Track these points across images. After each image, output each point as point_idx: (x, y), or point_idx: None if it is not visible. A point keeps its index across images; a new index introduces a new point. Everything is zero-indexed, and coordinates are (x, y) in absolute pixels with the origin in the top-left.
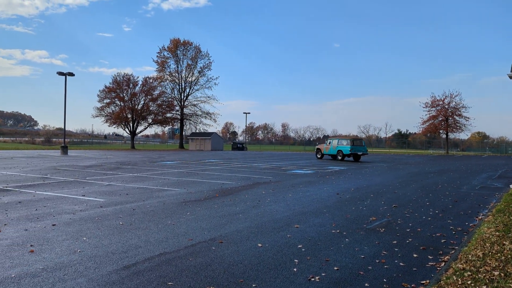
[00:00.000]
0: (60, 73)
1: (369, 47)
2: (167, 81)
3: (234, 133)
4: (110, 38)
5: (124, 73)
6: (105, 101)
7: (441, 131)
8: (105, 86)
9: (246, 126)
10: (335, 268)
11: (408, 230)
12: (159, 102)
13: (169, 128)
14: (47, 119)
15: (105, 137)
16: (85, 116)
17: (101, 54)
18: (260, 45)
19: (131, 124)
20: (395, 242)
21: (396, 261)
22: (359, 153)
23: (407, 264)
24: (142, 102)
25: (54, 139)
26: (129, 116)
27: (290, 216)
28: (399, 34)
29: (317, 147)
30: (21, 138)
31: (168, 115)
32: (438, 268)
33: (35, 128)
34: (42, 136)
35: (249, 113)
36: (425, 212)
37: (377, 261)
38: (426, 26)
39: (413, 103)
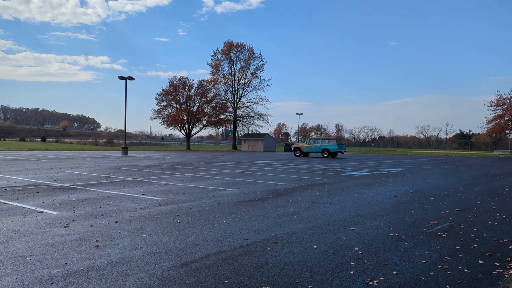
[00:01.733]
0: (121, 78)
1: (427, 45)
2: (221, 83)
3: (287, 134)
4: (166, 42)
5: (180, 76)
6: (162, 103)
7: (507, 132)
8: (162, 89)
9: (298, 127)
10: (394, 272)
11: (473, 235)
12: (213, 104)
13: (222, 130)
14: (109, 121)
15: (162, 138)
16: (144, 118)
17: (158, 58)
18: (313, 45)
19: (186, 126)
20: (458, 247)
21: (460, 267)
22: (343, 151)
23: (472, 270)
24: (197, 104)
25: (115, 141)
26: (185, 118)
27: (345, 218)
28: (459, 29)
29: (295, 146)
30: (85, 139)
31: (222, 116)
32: (506, 276)
33: (98, 130)
34: (104, 138)
35: (302, 114)
36: (491, 216)
37: (439, 266)
38: (488, 20)
39: (476, 102)
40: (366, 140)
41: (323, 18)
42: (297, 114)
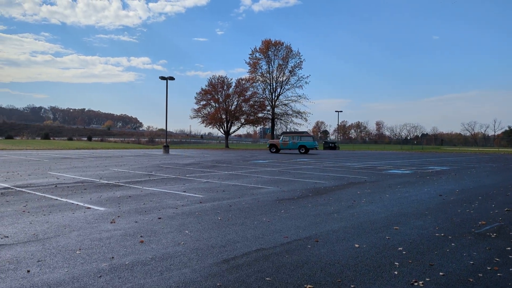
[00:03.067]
0: (162, 78)
1: (471, 39)
2: (259, 81)
3: (326, 132)
4: (205, 42)
5: (219, 76)
6: (201, 102)
7: None
8: (202, 88)
9: (338, 124)
10: (441, 273)
11: None
12: (251, 102)
13: (260, 128)
14: (150, 120)
15: (201, 137)
16: (183, 117)
17: (197, 58)
18: (351, 42)
19: (225, 125)
20: (509, 248)
21: (511, 269)
22: (317, 147)
23: None
24: (235, 103)
25: (156, 139)
26: (223, 116)
27: (388, 217)
28: (503, 21)
29: (270, 142)
30: (128, 138)
31: (260, 115)
32: None
33: (140, 129)
34: (146, 137)
35: (341, 111)
36: None
37: (488, 268)
38: None
39: None
40: (408, 138)
41: (361, 13)
42: (336, 111)
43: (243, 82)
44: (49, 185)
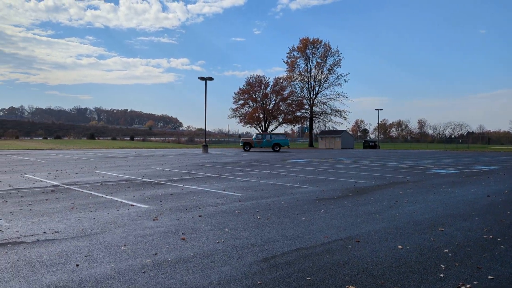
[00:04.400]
0: (201, 78)
1: None
2: (297, 80)
3: (365, 131)
4: (242, 42)
5: (256, 75)
6: (239, 102)
7: None
8: (239, 88)
9: (378, 123)
10: (489, 277)
11: None
12: (289, 101)
13: (298, 127)
14: (190, 120)
15: (239, 136)
16: (221, 117)
17: (234, 58)
18: (392, 38)
19: (262, 124)
20: None
21: None
22: (288, 145)
23: None
24: (273, 102)
25: (195, 139)
26: (261, 116)
27: (432, 218)
28: None
29: (244, 140)
30: (169, 138)
31: (298, 114)
32: None
33: (180, 129)
34: (186, 136)
35: (381, 109)
36: None
37: None
38: None
39: None
40: (453, 137)
41: (400, 8)
42: (376, 109)
43: (281, 81)
44: (95, 183)
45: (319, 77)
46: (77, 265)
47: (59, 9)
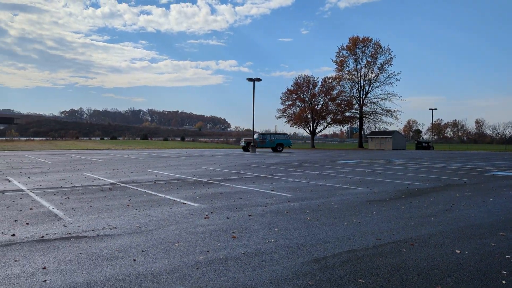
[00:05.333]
0: (249, 79)
1: None
2: (346, 80)
3: (418, 131)
4: (290, 42)
5: (304, 75)
6: (287, 102)
7: None
8: (287, 88)
9: (431, 123)
10: None
11: None
12: (338, 101)
13: (347, 127)
14: (238, 121)
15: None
16: (269, 118)
17: (282, 58)
18: (446, 34)
19: (311, 124)
20: None
21: None
22: (290, 146)
23: None
24: (321, 102)
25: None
26: (309, 116)
27: (492, 222)
28: None
29: (246, 141)
30: (217, 138)
31: (347, 114)
32: None
33: (228, 129)
34: (234, 137)
35: (435, 109)
36: None
37: None
38: None
39: None
40: None
41: (455, 3)
42: (430, 109)
43: (330, 80)
44: (149, 181)
45: (369, 76)
46: (134, 260)
47: (114, 15)
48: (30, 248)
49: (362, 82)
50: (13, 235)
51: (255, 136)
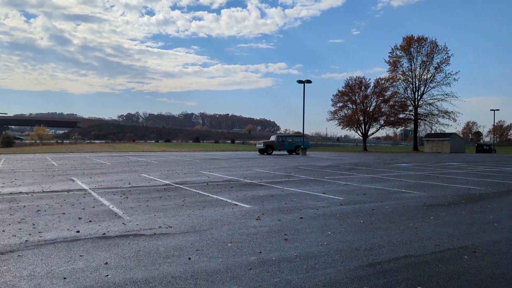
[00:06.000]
0: (300, 81)
1: None
2: (400, 80)
3: (478, 134)
4: (340, 43)
5: (356, 76)
6: (338, 104)
7: None
8: (338, 90)
9: (493, 125)
10: None
11: None
12: (391, 103)
13: (401, 130)
14: (287, 124)
15: (338, 139)
16: (319, 120)
17: (332, 60)
18: (508, 31)
19: (363, 126)
20: None
21: None
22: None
23: None
24: (373, 103)
25: None
26: (361, 118)
27: None
28: None
29: (266, 143)
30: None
31: (401, 115)
32: None
33: (278, 132)
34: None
35: (497, 110)
36: None
37: None
38: None
39: None
40: None
41: None
42: (491, 110)
43: (382, 81)
44: (201, 183)
45: (425, 77)
46: (189, 258)
47: (168, 22)
48: (93, 244)
49: (417, 82)
50: (78, 231)
51: (273, 138)
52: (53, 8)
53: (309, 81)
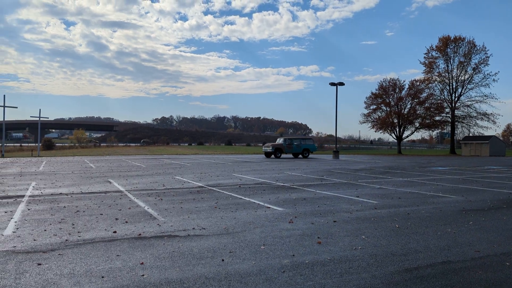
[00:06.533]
0: (332, 84)
1: None
2: (436, 82)
3: None
4: (373, 45)
5: (390, 78)
6: (371, 107)
7: None
8: (372, 92)
9: None
10: None
11: None
12: (427, 105)
13: (437, 133)
14: (319, 127)
15: (371, 142)
16: (351, 123)
17: (365, 62)
18: None
19: (397, 129)
20: None
21: None
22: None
23: None
24: (408, 106)
25: (325, 145)
26: (395, 121)
27: None
28: None
29: (275, 146)
30: None
31: (437, 118)
32: None
33: (310, 135)
34: (315, 142)
35: None
36: None
37: None
38: None
39: None
40: None
41: None
42: None
43: (417, 83)
44: (233, 185)
45: (462, 78)
46: (223, 260)
47: (200, 27)
48: (129, 245)
49: (454, 84)
50: (115, 232)
51: (281, 141)
52: (91, 15)
53: (341, 84)
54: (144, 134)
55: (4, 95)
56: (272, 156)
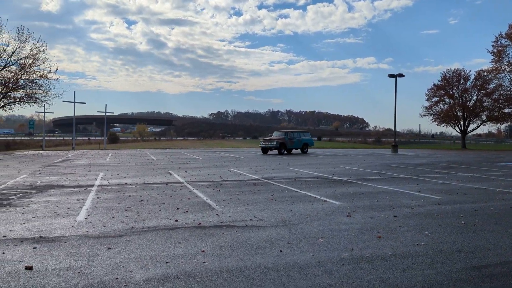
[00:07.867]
0: (391, 75)
1: None
2: (505, 72)
3: None
4: (435, 34)
5: (454, 69)
6: (433, 99)
7: None
8: (433, 84)
9: None
10: None
11: None
12: (495, 96)
13: (506, 126)
14: (376, 120)
15: (432, 136)
16: (411, 116)
17: (426, 52)
18: None
19: (461, 123)
20: None
21: None
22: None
23: None
24: (474, 98)
25: (383, 139)
26: (459, 113)
27: None
28: None
29: (279, 141)
30: (355, 138)
31: (506, 110)
32: None
33: (366, 129)
34: (372, 137)
35: None
36: None
37: None
38: None
39: None
40: None
41: None
42: None
43: (485, 73)
44: (289, 178)
45: None
46: (281, 251)
47: (255, 21)
48: (190, 233)
49: None
50: (176, 220)
51: (281, 134)
52: (151, 14)
53: (401, 75)
54: (201, 128)
55: (74, 92)
56: (270, 152)
